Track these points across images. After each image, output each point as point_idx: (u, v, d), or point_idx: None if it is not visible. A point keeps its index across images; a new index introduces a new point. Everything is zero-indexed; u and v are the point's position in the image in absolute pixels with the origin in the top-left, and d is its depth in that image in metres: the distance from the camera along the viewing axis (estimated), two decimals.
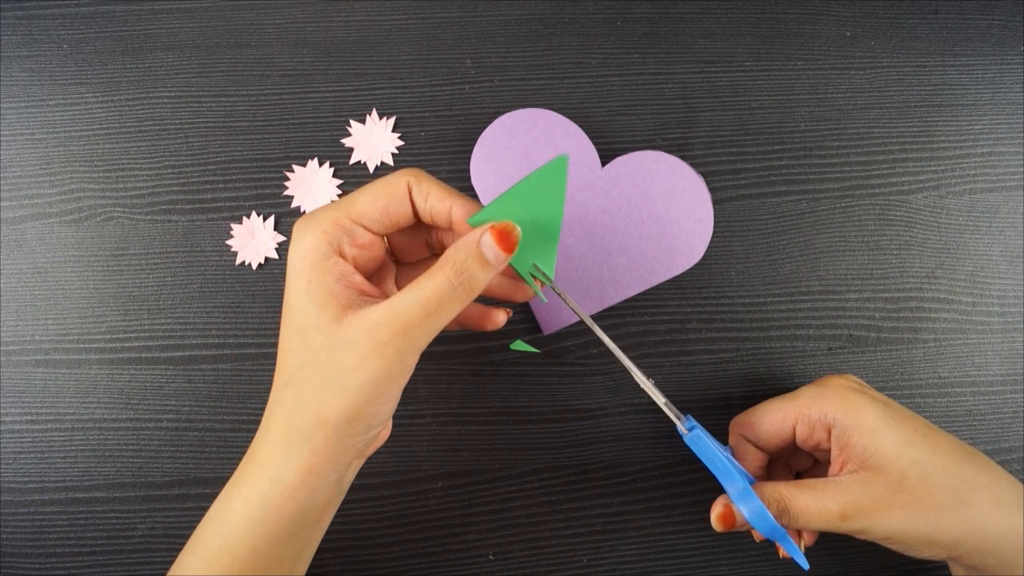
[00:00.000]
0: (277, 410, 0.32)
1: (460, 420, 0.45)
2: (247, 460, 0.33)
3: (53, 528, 0.44)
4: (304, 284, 0.31)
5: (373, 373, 0.30)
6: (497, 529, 0.45)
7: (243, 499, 0.31)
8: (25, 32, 0.46)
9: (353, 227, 0.32)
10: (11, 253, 0.45)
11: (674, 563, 0.45)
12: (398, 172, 0.33)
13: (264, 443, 0.32)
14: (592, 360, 0.46)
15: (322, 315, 0.30)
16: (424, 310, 0.30)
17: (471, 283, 0.31)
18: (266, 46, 0.46)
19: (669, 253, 0.44)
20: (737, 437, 0.41)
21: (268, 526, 0.31)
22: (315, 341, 0.30)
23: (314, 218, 0.32)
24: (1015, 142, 0.47)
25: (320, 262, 0.31)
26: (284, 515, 0.31)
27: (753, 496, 0.36)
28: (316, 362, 0.30)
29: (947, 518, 0.34)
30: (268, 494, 0.31)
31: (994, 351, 0.47)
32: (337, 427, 0.30)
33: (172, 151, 0.46)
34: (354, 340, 0.30)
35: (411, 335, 0.30)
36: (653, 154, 0.44)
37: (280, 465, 0.31)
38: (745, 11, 0.47)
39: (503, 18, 0.47)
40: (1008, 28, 0.48)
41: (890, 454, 0.35)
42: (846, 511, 0.35)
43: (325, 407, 0.30)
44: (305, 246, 0.31)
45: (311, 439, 0.31)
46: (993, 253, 0.47)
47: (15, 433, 0.45)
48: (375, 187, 0.33)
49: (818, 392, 0.38)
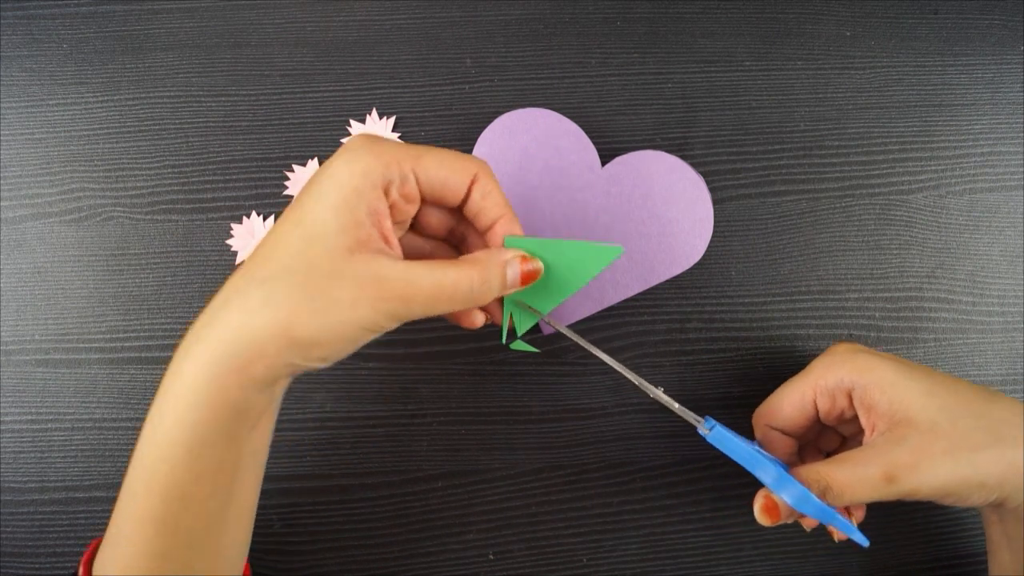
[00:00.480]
0: (234, 304, 0.30)
1: (460, 420, 0.45)
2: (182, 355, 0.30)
3: (53, 528, 0.44)
4: (337, 199, 0.30)
5: (360, 318, 0.29)
6: (497, 529, 0.45)
7: (176, 400, 0.30)
8: (25, 32, 0.46)
9: (409, 174, 0.31)
10: (11, 253, 0.45)
11: (674, 563, 0.45)
12: (470, 157, 0.33)
13: (206, 336, 0.30)
14: (592, 360, 0.46)
15: (339, 238, 0.29)
16: (435, 293, 0.30)
17: (485, 293, 0.32)
18: (266, 46, 0.47)
19: (669, 253, 0.44)
20: (762, 429, 0.41)
21: (203, 427, 0.29)
22: (317, 257, 0.29)
23: (378, 145, 0.31)
24: (1015, 142, 0.47)
25: (366, 189, 0.30)
26: (218, 414, 0.29)
27: (791, 480, 0.34)
28: (307, 278, 0.29)
29: (987, 456, 0.33)
30: (204, 393, 0.29)
31: (994, 351, 0.47)
32: (296, 345, 0.29)
33: (172, 151, 0.46)
34: (358, 279, 0.29)
35: (411, 306, 0.30)
36: (653, 154, 0.44)
37: (219, 362, 0.29)
38: (745, 11, 0.47)
39: (503, 18, 0.47)
40: (1008, 28, 0.48)
41: (916, 404, 0.35)
42: (890, 472, 0.33)
43: (297, 323, 0.29)
44: (359, 167, 0.30)
45: (262, 345, 0.29)
46: (993, 253, 0.47)
47: (15, 433, 0.45)
48: (445, 156, 0.32)
49: (829, 361, 0.38)
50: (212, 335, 0.30)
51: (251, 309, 0.29)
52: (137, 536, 0.30)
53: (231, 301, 0.30)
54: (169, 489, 0.30)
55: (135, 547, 0.30)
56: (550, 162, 0.44)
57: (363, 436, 0.45)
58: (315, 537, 0.45)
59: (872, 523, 0.46)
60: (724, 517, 0.46)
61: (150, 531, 0.30)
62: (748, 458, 0.36)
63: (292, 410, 0.45)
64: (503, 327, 0.37)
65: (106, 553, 0.32)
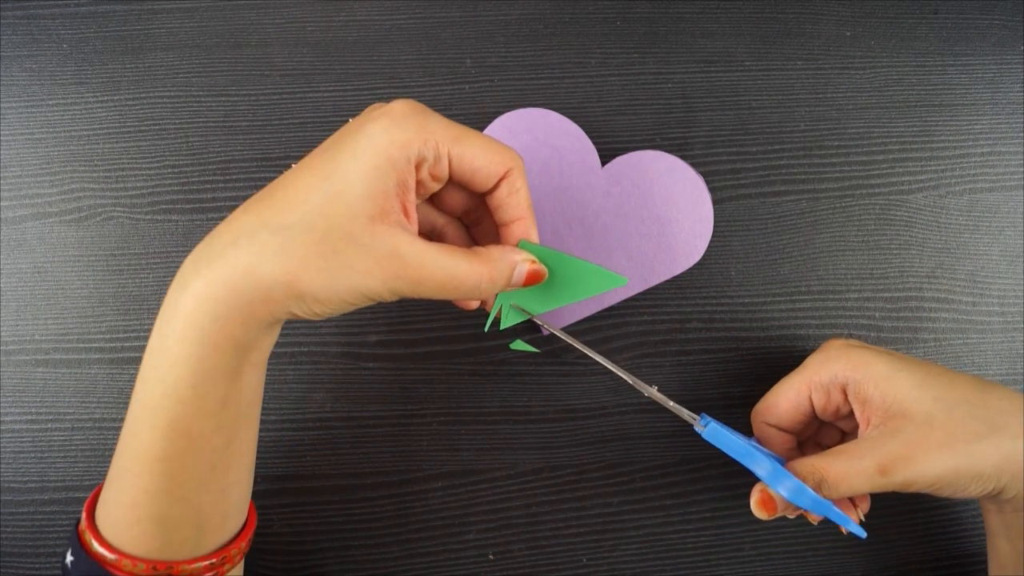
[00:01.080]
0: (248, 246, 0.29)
1: (460, 420, 0.45)
2: (180, 288, 0.30)
3: (53, 528, 0.44)
4: (370, 164, 0.29)
5: (367, 288, 0.30)
6: (497, 529, 0.45)
7: (179, 337, 0.30)
8: (25, 32, 0.46)
9: (444, 156, 0.31)
10: (11, 253, 0.45)
11: (674, 563, 0.45)
12: (508, 150, 0.33)
13: (208, 274, 0.30)
14: (592, 360, 0.46)
15: (363, 204, 0.29)
16: (444, 281, 0.31)
17: (489, 291, 0.33)
18: (266, 46, 0.47)
19: (669, 253, 0.44)
20: (760, 425, 0.41)
21: (207, 362, 0.30)
22: (337, 217, 0.29)
23: (422, 117, 0.31)
24: (1015, 142, 0.47)
25: (400, 161, 0.30)
26: (222, 351, 0.30)
27: (786, 473, 0.34)
28: (324, 236, 0.29)
29: (984, 447, 0.33)
30: (209, 330, 0.29)
31: (994, 351, 0.47)
32: (301, 297, 0.30)
33: (172, 151, 0.46)
34: (374, 251, 0.29)
35: (418, 289, 0.31)
36: (653, 154, 0.44)
37: (226, 302, 0.29)
38: (745, 11, 0.47)
39: (503, 18, 0.47)
40: (1008, 28, 0.48)
41: (910, 397, 0.35)
42: (884, 464, 0.33)
43: (306, 278, 0.29)
44: (400, 136, 0.30)
45: (268, 290, 0.29)
46: (993, 253, 0.47)
47: (15, 433, 0.45)
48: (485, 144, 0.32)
49: (823, 356, 0.38)
50: (216, 273, 0.29)
51: (263, 255, 0.29)
52: (141, 473, 0.30)
53: (240, 242, 0.30)
54: (175, 425, 0.30)
55: (139, 484, 0.30)
56: (550, 162, 0.44)
57: (363, 436, 0.45)
58: (315, 537, 0.45)
59: (872, 523, 0.46)
60: (724, 517, 0.46)
61: (155, 468, 0.30)
62: (743, 453, 0.36)
63: (292, 410, 0.45)
64: (489, 317, 0.38)
65: (109, 494, 0.32)
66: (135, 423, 0.31)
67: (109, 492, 0.32)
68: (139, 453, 0.30)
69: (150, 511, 0.30)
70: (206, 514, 0.32)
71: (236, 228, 0.30)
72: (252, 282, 0.29)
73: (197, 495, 0.31)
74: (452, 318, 0.46)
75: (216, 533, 0.33)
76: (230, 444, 0.32)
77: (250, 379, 0.32)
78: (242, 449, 0.33)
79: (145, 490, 0.30)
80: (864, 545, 0.46)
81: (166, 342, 0.30)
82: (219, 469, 0.32)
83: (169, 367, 0.30)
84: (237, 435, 0.32)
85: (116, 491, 0.31)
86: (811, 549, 0.46)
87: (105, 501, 0.32)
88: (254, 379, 0.33)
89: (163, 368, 0.30)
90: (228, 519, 0.34)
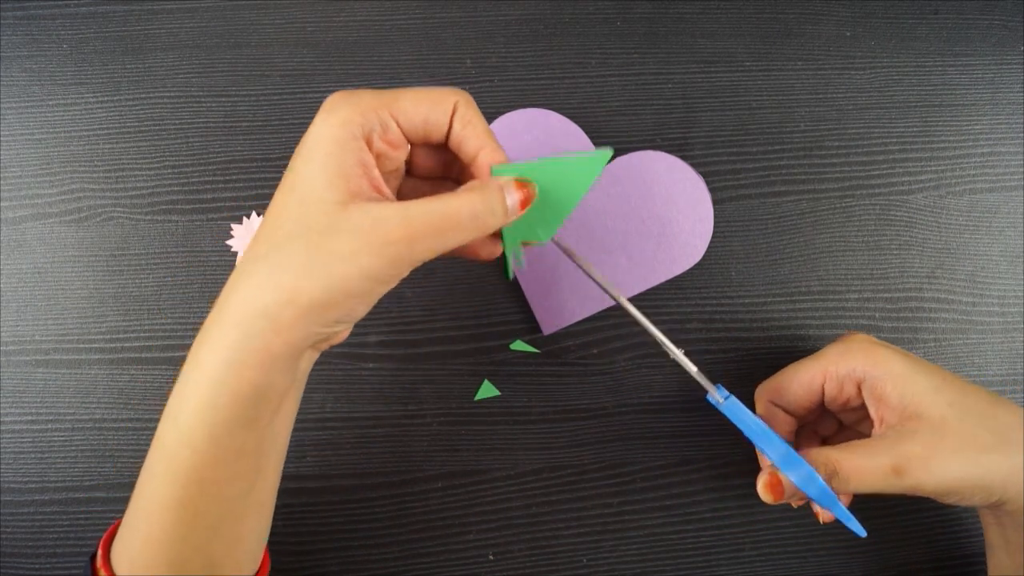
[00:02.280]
0: (242, 284, 0.29)
1: (460, 420, 0.45)
2: (199, 342, 0.30)
3: (53, 528, 0.44)
4: (321, 156, 0.29)
5: (364, 268, 0.29)
6: (497, 529, 0.45)
7: (196, 385, 0.29)
8: (25, 32, 0.46)
9: (389, 121, 0.31)
10: (11, 253, 0.45)
11: (674, 563, 0.45)
12: (447, 88, 0.32)
13: (220, 321, 0.29)
14: (592, 360, 0.46)
15: (329, 192, 0.29)
16: (438, 225, 0.29)
17: (488, 218, 0.31)
18: (266, 46, 0.47)
19: (669, 253, 0.44)
20: (765, 404, 0.41)
21: (224, 412, 0.29)
22: (312, 217, 0.29)
23: (353, 96, 0.30)
24: (1015, 142, 0.47)
25: (347, 140, 0.29)
26: (240, 398, 0.29)
27: (799, 459, 0.34)
28: (306, 240, 0.29)
29: (993, 458, 0.34)
30: (223, 376, 0.29)
31: (994, 351, 0.47)
32: (309, 311, 0.29)
33: (172, 151, 0.46)
34: (355, 229, 0.28)
35: (415, 245, 0.29)
36: (653, 154, 0.44)
37: (236, 345, 0.29)
38: (745, 11, 0.47)
39: (503, 18, 0.47)
40: (1008, 28, 0.48)
41: (926, 399, 0.35)
42: (900, 465, 0.33)
43: (302, 288, 0.28)
44: (336, 119, 0.30)
45: (276, 318, 0.28)
46: (993, 253, 0.47)
47: (15, 433, 0.45)
48: (421, 92, 0.31)
49: (843, 348, 0.38)
50: (226, 319, 0.29)
51: (259, 284, 0.29)
52: (156, 519, 0.30)
53: (239, 282, 0.30)
54: (189, 474, 0.30)
55: (153, 528, 0.30)
56: None
57: (363, 436, 0.45)
58: (315, 537, 0.45)
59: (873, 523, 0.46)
60: (724, 517, 0.46)
61: (169, 515, 0.30)
62: (759, 432, 0.36)
63: None
64: (507, 264, 0.36)
65: (125, 533, 0.32)
66: (154, 466, 0.31)
67: (126, 530, 0.32)
68: (155, 498, 0.30)
69: (163, 556, 0.30)
70: (218, 562, 0.32)
71: (236, 272, 0.30)
72: (260, 315, 0.29)
73: (210, 543, 0.31)
74: (452, 318, 0.46)
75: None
76: (247, 494, 0.32)
77: (271, 428, 0.31)
78: (260, 499, 0.33)
79: (159, 535, 0.30)
80: (864, 545, 0.46)
81: (185, 391, 0.30)
82: (234, 516, 0.31)
83: (187, 416, 0.30)
84: (254, 485, 0.32)
85: (132, 532, 0.31)
86: (811, 549, 0.46)
87: (122, 538, 0.32)
88: (276, 428, 0.32)
89: (182, 416, 0.30)
90: (242, 566, 0.33)
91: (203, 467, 0.30)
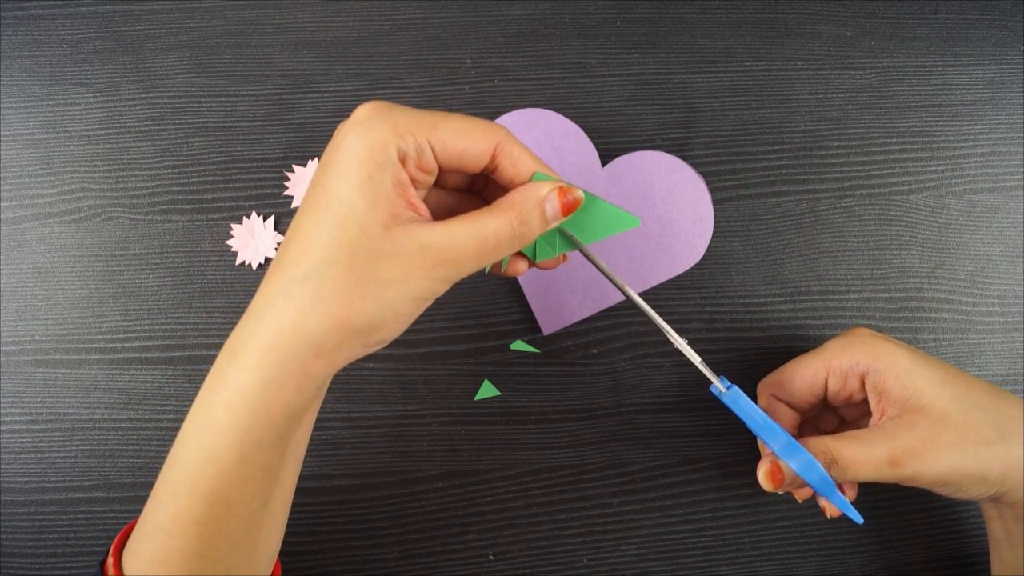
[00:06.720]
0: (284, 305, 0.29)
1: (460, 420, 0.45)
2: (228, 360, 0.30)
3: (53, 528, 0.44)
4: (362, 177, 0.29)
5: (414, 291, 0.29)
6: (497, 529, 0.45)
7: (227, 405, 0.29)
8: (25, 32, 0.46)
9: (425, 147, 0.30)
10: (11, 253, 0.45)
11: (674, 563, 0.45)
12: (489, 124, 0.31)
13: (254, 341, 0.29)
14: (592, 360, 0.46)
15: (371, 216, 0.28)
16: (480, 248, 0.30)
17: (529, 234, 0.31)
18: (266, 46, 0.46)
19: (669, 253, 0.44)
20: (768, 398, 0.41)
21: (257, 433, 0.29)
22: (355, 241, 0.28)
23: (391, 114, 0.30)
24: (1015, 142, 0.47)
25: (387, 162, 0.29)
26: (274, 420, 0.29)
27: (800, 448, 0.35)
28: (350, 263, 0.28)
29: (992, 452, 0.34)
30: (259, 398, 0.29)
31: (994, 351, 0.47)
32: (357, 334, 0.29)
33: (172, 151, 0.46)
34: (403, 254, 0.29)
35: (460, 266, 0.30)
36: (653, 154, 0.44)
37: (274, 367, 0.29)
38: (745, 11, 0.47)
39: (503, 18, 0.47)
40: (1008, 28, 0.48)
41: (928, 393, 0.35)
42: (896, 456, 0.34)
43: (353, 312, 0.28)
44: (376, 139, 0.29)
45: (319, 342, 0.28)
46: (993, 253, 0.47)
47: (15, 433, 0.45)
48: (460, 125, 0.31)
49: (846, 342, 0.39)
50: (261, 341, 0.29)
51: (301, 309, 0.28)
52: (176, 535, 0.30)
53: (275, 304, 0.29)
54: (215, 492, 0.30)
55: (173, 545, 0.30)
56: (551, 162, 0.44)
57: (363, 436, 0.45)
58: (315, 537, 0.45)
59: (873, 522, 0.46)
60: (724, 517, 0.46)
61: (191, 531, 0.30)
62: (760, 422, 0.36)
63: None
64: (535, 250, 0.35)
65: (141, 546, 0.32)
66: (175, 483, 0.31)
67: (142, 546, 0.31)
68: (175, 514, 0.30)
69: (182, 571, 0.30)
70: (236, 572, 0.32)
71: (269, 291, 0.30)
72: (302, 340, 0.28)
73: (229, 556, 0.31)
74: (452, 318, 0.46)
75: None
76: (267, 505, 0.32)
77: (294, 441, 0.32)
78: (276, 508, 0.33)
79: (180, 551, 0.30)
80: (864, 545, 0.46)
81: (213, 410, 0.29)
82: (253, 530, 0.32)
83: (216, 436, 0.29)
84: (273, 496, 0.32)
85: (150, 547, 0.31)
86: (811, 549, 0.46)
87: (135, 553, 0.32)
88: (297, 438, 0.32)
89: (209, 436, 0.29)
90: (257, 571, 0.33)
91: (231, 486, 0.30)
